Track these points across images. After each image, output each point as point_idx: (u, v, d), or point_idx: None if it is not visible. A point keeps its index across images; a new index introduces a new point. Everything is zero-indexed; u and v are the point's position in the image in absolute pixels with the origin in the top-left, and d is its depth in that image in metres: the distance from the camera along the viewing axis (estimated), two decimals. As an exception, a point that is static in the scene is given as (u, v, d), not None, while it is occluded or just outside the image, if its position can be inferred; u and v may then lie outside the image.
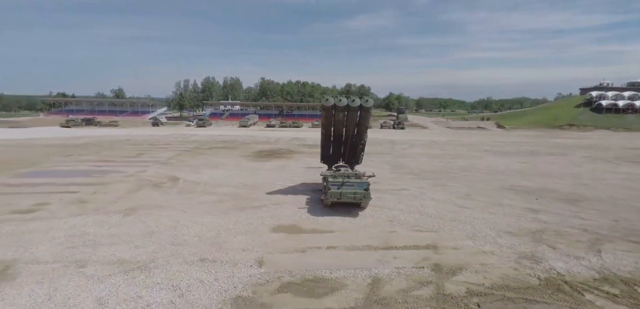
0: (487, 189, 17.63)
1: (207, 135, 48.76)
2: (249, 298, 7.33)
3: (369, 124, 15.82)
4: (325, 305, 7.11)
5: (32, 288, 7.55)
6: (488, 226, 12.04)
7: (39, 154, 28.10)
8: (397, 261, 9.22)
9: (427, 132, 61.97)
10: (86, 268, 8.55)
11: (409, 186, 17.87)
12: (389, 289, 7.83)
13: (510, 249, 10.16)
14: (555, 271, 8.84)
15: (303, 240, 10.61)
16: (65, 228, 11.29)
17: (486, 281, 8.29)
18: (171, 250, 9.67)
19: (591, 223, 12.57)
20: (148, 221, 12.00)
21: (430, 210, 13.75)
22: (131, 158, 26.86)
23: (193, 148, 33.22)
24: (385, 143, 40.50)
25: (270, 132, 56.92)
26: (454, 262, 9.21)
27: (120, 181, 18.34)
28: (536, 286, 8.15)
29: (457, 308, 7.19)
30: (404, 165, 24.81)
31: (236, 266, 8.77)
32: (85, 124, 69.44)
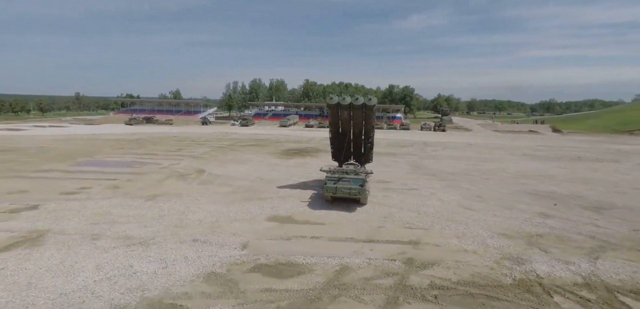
0: (504, 192, 16.96)
1: (247, 133, 51.25)
2: (221, 274, 8.17)
3: (374, 123, 16.06)
4: (286, 286, 7.72)
5: (52, 253, 9.06)
6: (484, 227, 11.80)
7: (98, 147, 31.75)
8: (373, 253, 9.53)
9: (469, 134, 59.35)
10: (99, 240, 9.98)
11: (421, 187, 17.75)
12: (353, 276, 8.22)
13: (497, 250, 9.97)
14: (534, 273, 8.60)
15: (292, 229, 11.28)
16: (94, 208, 13.06)
17: (454, 277, 8.34)
18: (172, 230, 10.87)
19: (605, 231, 11.75)
20: (163, 206, 13.43)
21: (431, 210, 13.70)
22: (171, 152, 29.37)
23: (228, 145, 35.33)
24: (417, 145, 39.74)
25: (307, 131, 58.22)
26: (429, 258, 9.31)
27: (153, 172, 20.37)
28: (507, 285, 8.05)
29: (413, 298, 7.40)
30: (426, 166, 24.41)
31: (222, 247, 9.68)
32: (145, 122, 76.41)
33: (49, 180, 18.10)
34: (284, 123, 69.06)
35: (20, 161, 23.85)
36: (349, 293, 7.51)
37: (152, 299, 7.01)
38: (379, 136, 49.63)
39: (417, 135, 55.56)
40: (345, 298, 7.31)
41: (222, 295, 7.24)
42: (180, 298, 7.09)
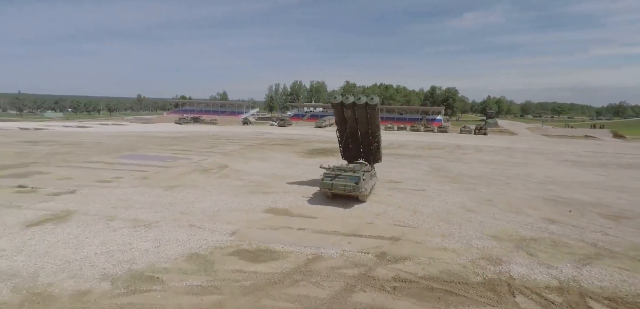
0: (518, 197, 16.28)
1: (281, 133, 52.91)
2: (202, 255, 9.05)
3: (378, 122, 16.23)
4: (256, 269, 8.40)
5: (71, 229, 10.55)
6: (477, 229, 11.62)
7: (144, 143, 34.83)
8: (350, 246, 9.91)
9: (511, 138, 56.14)
10: (112, 222, 11.39)
11: (431, 188, 17.57)
12: (322, 265, 8.70)
13: (479, 250, 9.86)
14: (508, 275, 8.48)
15: (284, 221, 11.95)
16: (119, 195, 14.71)
17: (422, 272, 8.50)
18: (176, 217, 12.03)
19: (613, 239, 11.04)
20: (176, 196, 14.77)
21: (429, 210, 13.66)
22: (205, 149, 31.44)
23: (258, 144, 36.92)
24: (448, 147, 38.60)
25: (341, 132, 58.57)
26: (403, 253, 9.50)
27: (181, 166, 22.14)
28: (472, 283, 8.06)
29: (371, 287, 7.72)
30: (448, 169, 23.86)
31: (213, 233, 10.60)
32: (192, 122, 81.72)
33: (92, 169, 20.44)
34: (320, 124, 70.12)
35: (76, 153, 26.98)
36: (311, 278, 8.00)
37: (136, 271, 8.05)
38: (410, 138, 48.93)
39: (454, 138, 53.73)
40: (305, 282, 7.82)
41: (195, 272, 8.10)
42: (160, 272, 8.05)
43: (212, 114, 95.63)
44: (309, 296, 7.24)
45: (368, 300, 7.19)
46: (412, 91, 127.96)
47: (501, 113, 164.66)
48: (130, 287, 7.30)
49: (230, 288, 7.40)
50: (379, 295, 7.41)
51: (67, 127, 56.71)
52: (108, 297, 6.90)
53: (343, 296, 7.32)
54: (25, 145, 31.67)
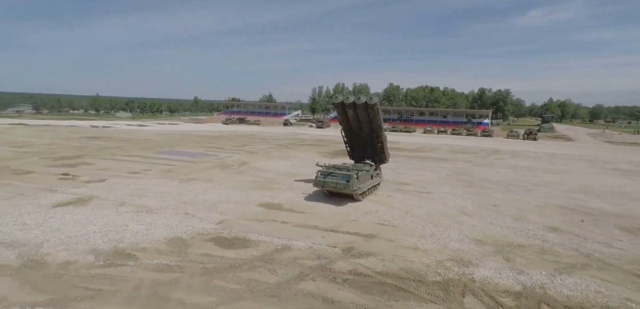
0: (531, 204, 15.35)
1: (316, 134, 53.81)
2: (183, 239, 9.95)
3: (380, 123, 16.22)
4: (224, 254, 9.09)
5: (85, 212, 12.09)
6: (462, 232, 11.31)
7: (185, 140, 37.62)
8: (323, 239, 10.24)
9: (565, 144, 51.65)
10: (122, 207, 12.82)
11: (438, 191, 17.15)
12: (286, 255, 9.16)
13: (452, 252, 9.68)
14: (469, 277, 8.30)
15: (272, 214, 12.57)
16: (140, 185, 16.35)
17: (380, 267, 8.61)
18: (179, 205, 13.19)
19: (612, 251, 10.17)
20: (187, 187, 16.06)
21: (423, 212, 13.47)
22: (236, 147, 33.20)
23: (288, 143, 38.06)
24: (484, 152, 36.74)
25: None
26: (371, 249, 9.63)
27: (206, 162, 23.76)
28: (428, 281, 8.03)
29: (322, 277, 8.05)
30: (469, 173, 22.93)
31: (202, 221, 11.52)
32: (238, 122, 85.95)
33: (128, 162, 22.73)
34: (358, 126, 69.93)
35: (124, 148, 30.00)
36: (270, 266, 8.51)
37: (119, 248, 9.14)
38: (446, 142, 47.15)
39: (496, 142, 50.82)
40: (262, 269, 8.35)
41: (169, 253, 8.99)
42: (139, 250, 9.06)
43: (257, 115, 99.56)
44: (259, 280, 7.76)
45: (313, 288, 7.53)
46: (460, 93, 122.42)
47: (565, 118, 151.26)
48: (108, 261, 8.36)
49: (192, 269, 8.16)
50: (326, 285, 7.71)
51: (130, 126, 62.58)
52: (87, 268, 8.00)
53: (291, 283, 7.73)
54: (86, 140, 35.76)
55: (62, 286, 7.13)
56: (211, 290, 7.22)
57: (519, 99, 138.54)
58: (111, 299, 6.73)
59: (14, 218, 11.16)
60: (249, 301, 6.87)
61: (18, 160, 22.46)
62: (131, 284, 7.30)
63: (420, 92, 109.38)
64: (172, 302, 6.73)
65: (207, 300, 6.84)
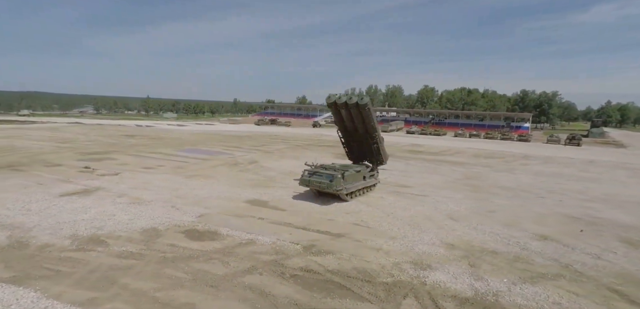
0: (534, 211, 14.45)
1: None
2: (157, 230, 10.54)
3: (373, 123, 16.02)
4: (188, 245, 9.52)
5: (86, 201, 13.16)
6: (438, 236, 10.94)
7: (210, 139, 39.31)
8: (289, 236, 10.38)
9: (612, 151, 47.47)
10: (120, 198, 13.78)
11: (437, 195, 16.61)
12: (247, 249, 9.42)
13: (416, 255, 9.43)
14: (421, 280, 8.07)
15: (254, 211, 12.90)
16: (146, 179, 17.42)
17: (334, 266, 8.60)
18: (170, 199, 13.93)
19: (598, 263, 9.38)
20: (187, 183, 16.87)
21: (407, 214, 13.17)
22: (254, 146, 34.14)
23: (306, 144, 38.45)
24: (510, 156, 34.82)
25: (403, 137, 56.96)
26: (331, 248, 9.63)
27: (217, 160, 24.73)
28: (376, 282, 7.91)
29: (270, 272, 8.20)
30: (482, 178, 21.90)
31: (184, 214, 12.11)
32: (269, 123, 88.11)
33: (148, 158, 24.23)
34: (385, 128, 68.84)
35: (151, 145, 31.96)
36: (225, 258, 8.81)
37: (96, 235, 9.89)
38: (474, 146, 45.21)
39: (530, 147, 47.90)
40: (216, 261, 8.66)
41: (138, 242, 9.59)
42: (113, 238, 9.75)
43: (288, 116, 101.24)
44: (207, 271, 8.08)
45: (255, 282, 7.71)
46: (502, 96, 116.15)
47: (626, 123, 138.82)
48: (80, 246, 9.10)
49: (151, 257, 8.66)
50: (271, 279, 7.86)
51: (170, 125, 66.42)
52: (59, 251, 8.77)
53: (237, 275, 7.97)
54: (123, 138, 38.49)
55: (29, 266, 7.90)
56: (157, 277, 7.65)
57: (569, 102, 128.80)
58: (64, 279, 7.36)
59: (23, 204, 12.42)
60: (186, 290, 7.20)
61: (55, 154, 24.74)
62: (88, 267, 7.93)
63: (457, 94, 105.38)
64: (117, 285, 7.22)
65: (148, 286, 7.26)
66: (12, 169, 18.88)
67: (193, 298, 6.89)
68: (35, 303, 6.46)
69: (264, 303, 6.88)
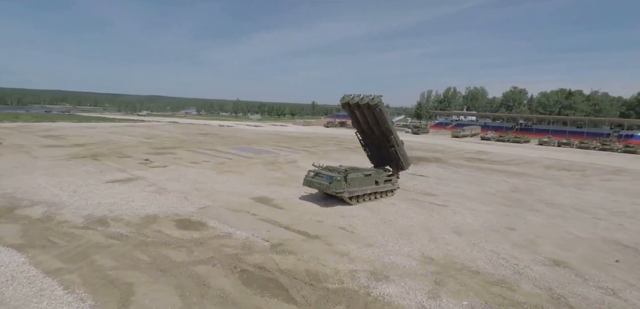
0: (569, 234, 12.32)
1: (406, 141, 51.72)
2: (157, 217, 11.72)
3: (388, 125, 15.29)
4: (171, 233, 10.39)
5: (121, 188, 15.23)
6: (422, 249, 10.10)
7: (268, 139, 41.63)
8: (267, 234, 10.62)
9: None
10: (148, 186, 15.60)
11: (457, 207, 15.19)
12: (219, 241, 9.95)
13: (382, 265, 8.88)
14: (367, 290, 7.63)
15: (253, 207, 13.45)
16: (183, 172, 19.34)
17: (287, 266, 8.61)
18: (187, 191, 15.29)
19: (606, 299, 7.69)
20: (216, 177, 18.27)
21: (406, 223, 12.38)
22: (304, 147, 35.08)
23: (356, 146, 37.99)
24: (593, 170, 29.64)
25: (472, 143, 52.43)
26: (298, 249, 9.61)
27: (258, 158, 26.13)
28: (318, 287, 7.74)
29: (223, 266, 8.57)
30: (528, 192, 19.23)
31: (190, 205, 13.22)
32: (339, 125, 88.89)
33: (201, 154, 26.77)
34: (456, 133, 64.15)
35: (213, 143, 35.16)
36: (193, 247, 9.44)
37: (108, 216, 11.45)
38: (555, 156, 39.31)
39: (632, 161, 40.02)
40: (183, 249, 9.34)
41: (134, 225, 10.82)
42: (116, 220, 11.17)
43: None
44: (167, 256, 8.81)
45: (202, 272, 8.17)
46: (616, 98, 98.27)
47: None
48: (87, 224, 10.67)
49: (133, 240, 9.73)
50: (219, 271, 8.24)
51: (248, 126, 71.69)
52: (69, 226, 10.42)
53: (192, 264, 8.53)
54: (195, 136, 43.07)
55: (38, 236, 9.58)
56: (122, 258, 8.61)
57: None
58: (52, 251, 8.77)
59: (75, 187, 14.94)
60: (137, 271, 7.98)
61: (133, 147, 28.93)
62: (76, 243, 9.29)
63: (553, 97, 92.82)
64: (86, 261, 8.33)
65: (109, 264, 8.24)
66: (92, 158, 22.67)
67: (136, 279, 7.62)
68: (18, 267, 7.87)
69: (194, 291, 7.28)
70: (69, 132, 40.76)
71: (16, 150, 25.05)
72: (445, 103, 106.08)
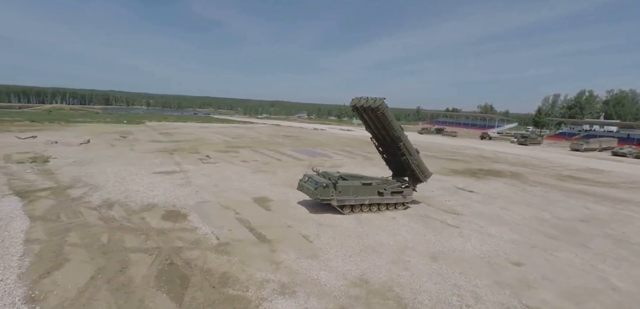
0: (599, 282, 9.21)
1: (502, 152, 45.56)
2: (155, 205, 13.19)
3: (395, 131, 13.81)
4: (150, 222, 11.60)
5: (162, 179, 17.53)
6: (369, 270, 8.95)
7: (339, 143, 41.93)
8: (228, 232, 10.93)
9: None
10: (182, 180, 17.56)
11: (473, 230, 12.82)
12: (179, 234, 10.65)
13: (302, 279, 8.24)
14: (261, 301, 7.25)
15: (245, 207, 13.88)
16: (222, 168, 21.11)
17: (212, 266, 8.76)
18: (208, 185, 16.63)
19: None
20: (246, 176, 19.40)
21: (383, 241, 11.07)
22: (367, 152, 34.12)
23: (431, 155, 35.00)
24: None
25: (592, 160, 42.51)
26: (238, 251, 9.64)
27: (306, 161, 26.57)
28: (220, 290, 7.73)
29: (159, 255, 9.21)
30: (611, 225, 14.80)
31: (192, 199, 14.41)
32: (435, 132, 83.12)
33: (259, 153, 28.70)
34: (577, 146, 52.92)
35: (284, 144, 37.26)
36: (153, 236, 10.35)
37: (121, 201, 13.38)
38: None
39: None
40: (143, 236, 10.31)
41: (131, 211, 12.40)
42: (123, 205, 12.96)
43: (460, 127, 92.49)
44: (121, 240, 9.88)
45: (134, 258, 8.93)
46: None
47: None
48: (98, 206, 12.70)
49: (114, 224, 11.13)
50: (147, 260, 8.88)
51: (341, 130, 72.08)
52: (85, 207, 12.57)
53: (134, 249, 9.41)
54: (276, 137, 46.27)
55: (57, 210, 11.88)
56: (90, 237, 9.99)
57: None
58: (51, 224, 10.77)
59: (127, 174, 17.89)
60: (85, 250, 9.19)
61: (210, 145, 32.81)
62: (73, 220, 11.17)
63: None
64: (63, 237, 9.94)
65: (74, 240, 9.69)
66: (168, 153, 26.60)
67: (78, 256, 8.81)
68: (18, 228, 9.99)
69: (106, 275, 8.02)
70: (181, 130, 48.31)
71: (128, 143, 31.02)
72: (575, 110, 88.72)
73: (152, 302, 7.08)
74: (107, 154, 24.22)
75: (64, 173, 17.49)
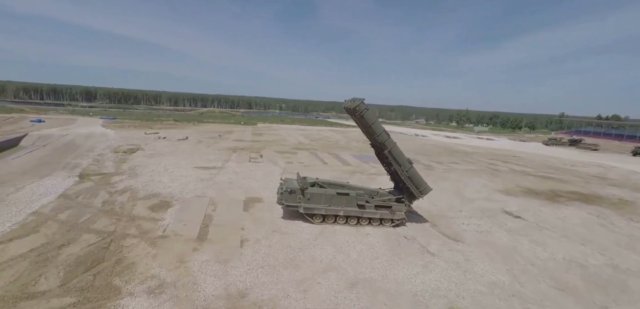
0: None
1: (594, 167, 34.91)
2: (159, 195, 15.00)
3: (378, 136, 12.28)
4: (136, 211, 13.19)
5: (197, 174, 19.76)
6: (246, 285, 8.38)
7: (422, 150, 38.96)
8: (182, 226, 11.75)
9: None
10: (205, 175, 19.40)
11: (448, 260, 10.47)
12: (143, 223, 12.01)
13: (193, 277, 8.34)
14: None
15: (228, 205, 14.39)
16: (260, 168, 22.27)
17: (127, 245, 9.71)
18: (225, 183, 17.93)
19: None
20: (273, 175, 20.09)
21: (315, 255, 10.08)
22: (440, 162, 30.73)
23: (524, 172, 29.27)
24: None
25: None
26: (165, 243, 10.29)
27: (351, 166, 25.63)
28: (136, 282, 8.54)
29: (108, 238, 10.65)
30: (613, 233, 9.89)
31: (196, 193, 15.77)
32: (569, 145, 64.89)
33: (315, 156, 29.06)
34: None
35: (355, 148, 36.78)
36: (126, 222, 11.89)
37: (144, 190, 15.67)
38: None
39: None
40: (121, 222, 11.93)
41: (136, 199, 14.41)
42: (138, 194, 15.19)
43: (618, 139, 72.61)
44: (96, 224, 11.62)
45: (88, 238, 10.50)
46: None
47: None
48: (121, 190, 15.20)
49: (109, 209, 13.13)
50: (92, 240, 10.32)
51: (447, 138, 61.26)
52: (111, 192, 15.20)
53: (100, 231, 11.04)
54: (360, 143, 45.89)
55: (85, 196, 14.69)
56: (76, 216, 12.11)
57: None
58: (67, 202, 13.44)
59: (176, 168, 20.70)
60: (57, 225, 11.19)
61: (279, 146, 34.80)
62: (85, 201, 13.68)
63: None
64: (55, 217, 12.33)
65: (63, 218, 11.90)
66: (232, 151, 29.46)
67: (48, 228, 10.82)
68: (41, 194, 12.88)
69: (54, 244, 9.67)
70: (277, 131, 52.05)
71: (213, 141, 35.42)
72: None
73: (46, 280, 8.24)
74: (180, 148, 28.32)
75: (130, 162, 21.38)
